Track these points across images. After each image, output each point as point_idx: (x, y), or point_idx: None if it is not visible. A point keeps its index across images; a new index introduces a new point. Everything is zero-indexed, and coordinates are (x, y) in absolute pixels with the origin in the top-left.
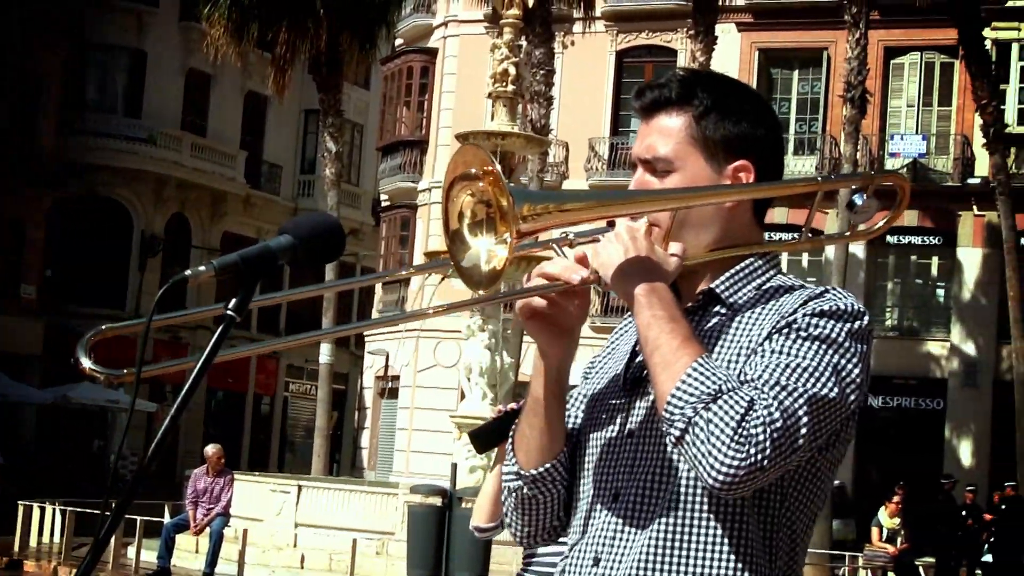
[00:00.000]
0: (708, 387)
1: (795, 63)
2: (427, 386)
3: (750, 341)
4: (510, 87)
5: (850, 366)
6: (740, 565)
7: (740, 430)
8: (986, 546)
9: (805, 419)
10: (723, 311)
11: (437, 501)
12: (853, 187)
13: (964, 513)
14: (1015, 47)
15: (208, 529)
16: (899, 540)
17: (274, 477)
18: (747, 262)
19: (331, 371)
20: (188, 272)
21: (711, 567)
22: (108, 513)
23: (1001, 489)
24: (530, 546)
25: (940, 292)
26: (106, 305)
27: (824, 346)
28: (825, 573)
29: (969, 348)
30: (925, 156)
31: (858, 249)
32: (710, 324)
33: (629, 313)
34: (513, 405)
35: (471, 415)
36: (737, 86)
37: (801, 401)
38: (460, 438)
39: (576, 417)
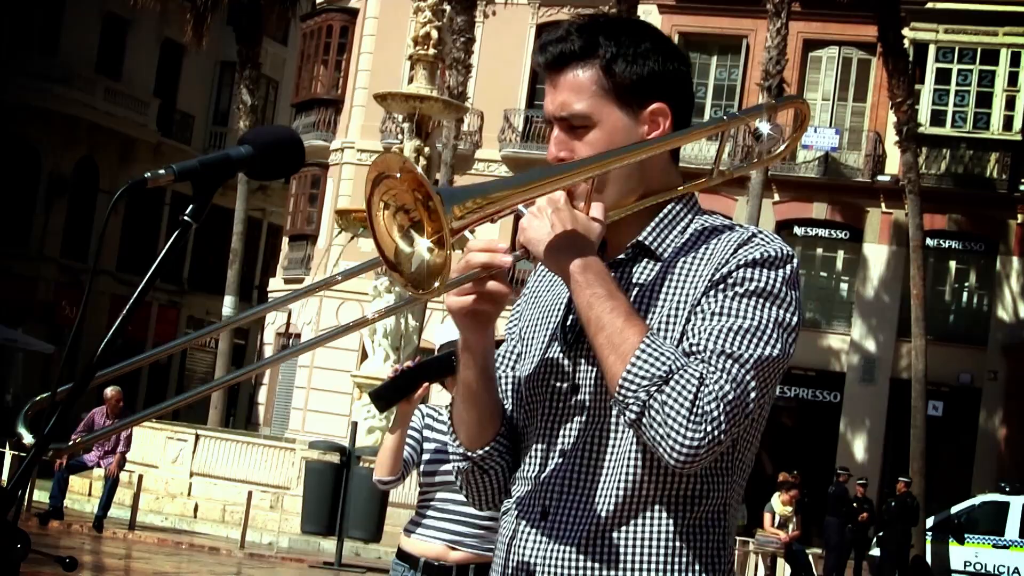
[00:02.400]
0: (659, 368)
1: (714, 49)
2: (328, 346)
3: (686, 296)
4: (431, 51)
5: (788, 315)
6: (692, 516)
7: (695, 409)
8: (874, 540)
9: (753, 383)
10: (652, 264)
11: (335, 458)
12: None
13: (855, 505)
14: (932, 48)
15: (102, 471)
16: (791, 527)
17: (172, 425)
18: (668, 208)
19: None
20: (148, 174)
21: (664, 525)
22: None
23: (893, 484)
24: (485, 509)
25: (844, 286)
26: (10, 244)
27: (763, 301)
28: None
29: (869, 344)
30: (837, 150)
31: None
32: (642, 279)
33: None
34: (409, 363)
35: (373, 376)
36: (637, 25)
37: (749, 366)
38: (360, 398)
39: (508, 376)
